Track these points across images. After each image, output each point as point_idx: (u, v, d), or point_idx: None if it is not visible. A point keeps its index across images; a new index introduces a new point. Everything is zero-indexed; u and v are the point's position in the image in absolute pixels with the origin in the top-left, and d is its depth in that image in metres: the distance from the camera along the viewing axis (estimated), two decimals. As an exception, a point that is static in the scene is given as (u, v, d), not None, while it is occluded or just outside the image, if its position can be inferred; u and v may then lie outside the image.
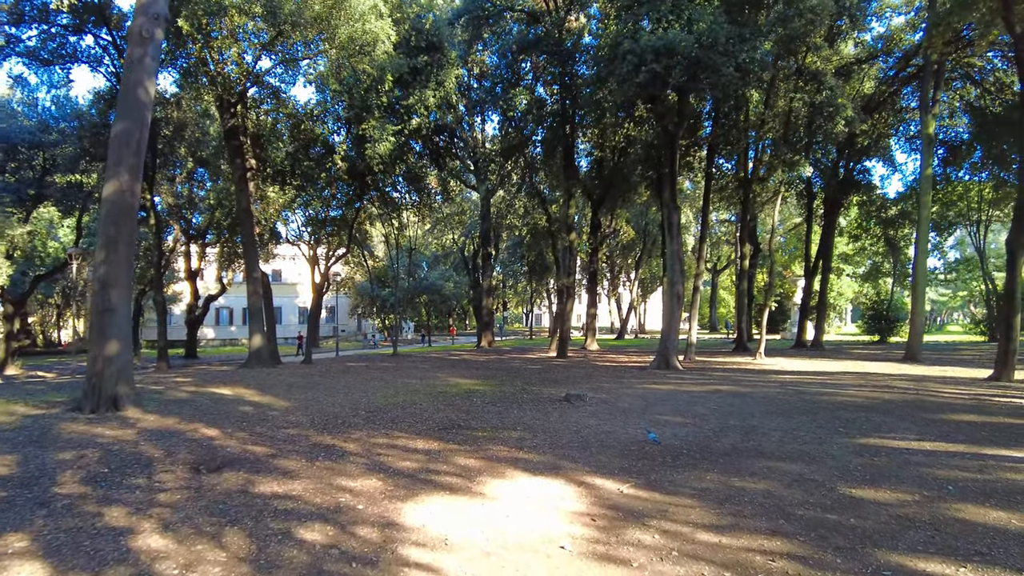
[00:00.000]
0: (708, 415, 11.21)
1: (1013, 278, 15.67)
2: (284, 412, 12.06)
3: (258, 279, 22.75)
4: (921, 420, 10.23)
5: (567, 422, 10.72)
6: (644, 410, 11.89)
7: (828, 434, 9.37)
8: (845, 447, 8.48)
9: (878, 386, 14.80)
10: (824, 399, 12.73)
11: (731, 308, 75.15)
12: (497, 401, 13.32)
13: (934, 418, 10.40)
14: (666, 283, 22.33)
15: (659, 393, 14.20)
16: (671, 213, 21.39)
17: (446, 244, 58.36)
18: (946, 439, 8.87)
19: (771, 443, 8.85)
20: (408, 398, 13.86)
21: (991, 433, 9.20)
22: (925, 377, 17.03)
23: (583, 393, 13.26)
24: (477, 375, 19.35)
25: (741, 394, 13.68)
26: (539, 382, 17.07)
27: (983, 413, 10.85)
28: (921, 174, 23.58)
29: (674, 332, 21.35)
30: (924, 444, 8.59)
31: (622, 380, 17.36)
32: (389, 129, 22.67)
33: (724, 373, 19.26)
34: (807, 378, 17.06)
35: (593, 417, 11.18)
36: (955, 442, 8.67)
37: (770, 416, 10.93)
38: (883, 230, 39.83)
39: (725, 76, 18.31)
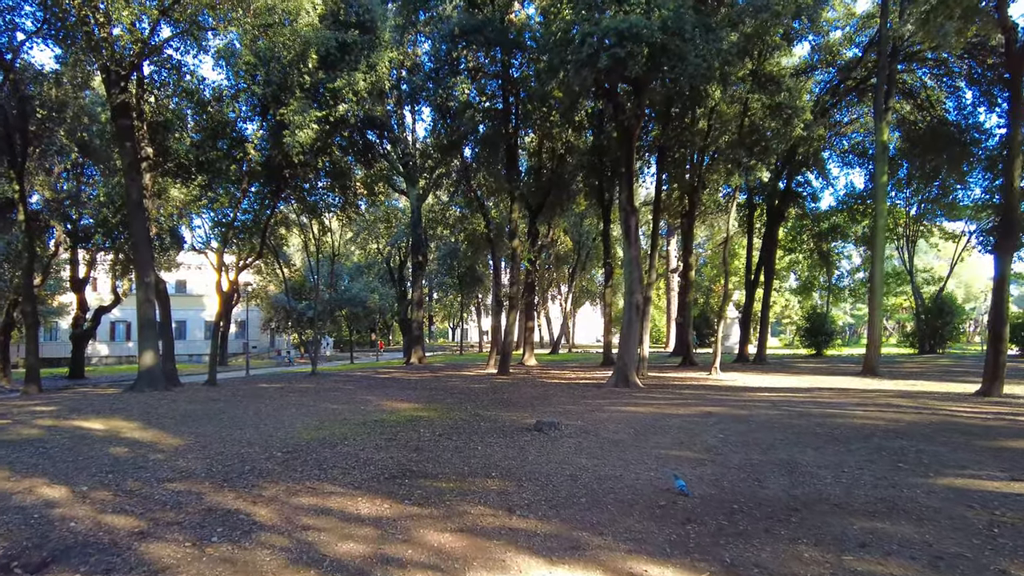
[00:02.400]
0: (720, 447, 9.11)
1: (1002, 288, 14.66)
2: (172, 454, 9.05)
3: (151, 285, 19.14)
4: (981, 449, 8.51)
5: (552, 462, 8.33)
6: (637, 441, 9.67)
7: (890, 471, 7.44)
8: (933, 493, 6.52)
9: (878, 404, 13.26)
10: (838, 422, 10.93)
11: (657, 323, 75.44)
12: (451, 432, 10.76)
13: (992, 446, 8.72)
14: (623, 293, 20.43)
15: (640, 418, 12.05)
16: (628, 216, 19.53)
17: (370, 254, 54.92)
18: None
19: (833, 488, 6.79)
20: (337, 431, 11.07)
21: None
22: (912, 393, 15.75)
23: (555, 420, 10.91)
24: (415, 398, 16.65)
25: (738, 418, 11.72)
26: (492, 405, 14.60)
27: None
28: (876, 183, 22.93)
29: (633, 346, 19.43)
30: None
31: (585, 401, 15.15)
32: (312, 115, 19.76)
33: (692, 391, 17.45)
34: (788, 396, 15.43)
35: (581, 454, 8.85)
36: (1049, 481, 6.92)
37: (797, 447, 8.94)
38: (816, 243, 40.03)
39: (692, 65, 16.66)
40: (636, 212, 20.02)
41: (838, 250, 41.96)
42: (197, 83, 20.96)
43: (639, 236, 20.80)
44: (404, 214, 46.99)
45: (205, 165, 22.53)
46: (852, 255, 44.07)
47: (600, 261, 54.39)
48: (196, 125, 23.67)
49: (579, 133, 30.67)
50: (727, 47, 17.67)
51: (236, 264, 29.49)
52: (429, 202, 42.33)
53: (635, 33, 16.36)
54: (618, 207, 20.38)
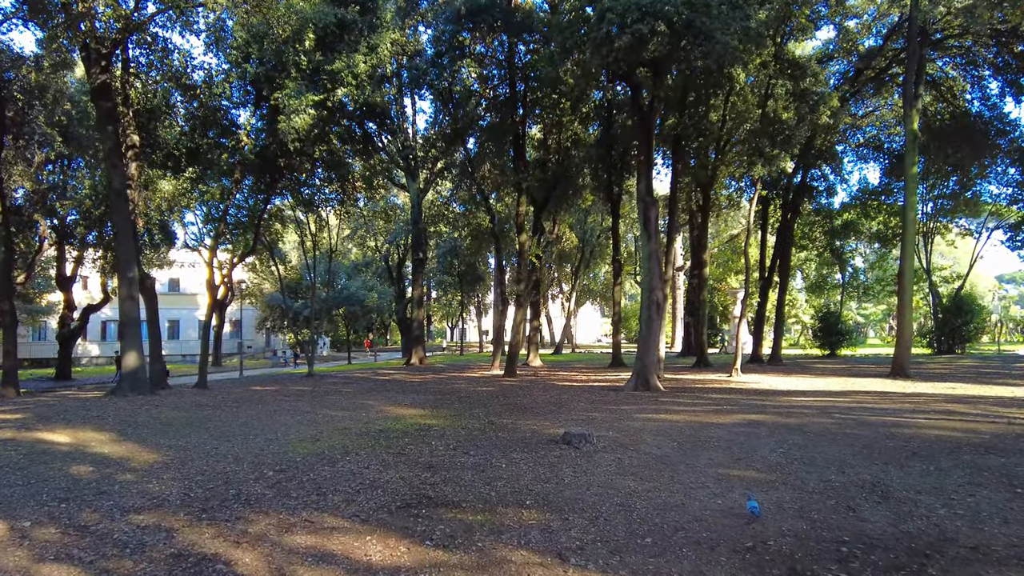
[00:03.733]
0: (786, 465, 7.81)
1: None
2: (145, 474, 7.73)
3: (134, 280, 17.76)
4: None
5: (594, 485, 7.03)
6: (687, 458, 8.37)
7: (1009, 499, 6.14)
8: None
9: (937, 411, 11.94)
10: (906, 433, 9.63)
11: (660, 322, 74.16)
12: (466, 445, 9.45)
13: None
14: (641, 290, 19.12)
15: (678, 428, 10.74)
16: (647, 208, 18.22)
17: (368, 251, 53.54)
18: None
19: (954, 523, 5.49)
20: (337, 443, 9.74)
21: None
22: (963, 397, 14.39)
23: (585, 432, 9.59)
24: (420, 402, 15.33)
25: (790, 428, 10.41)
26: (506, 412, 13.28)
27: None
28: (907, 173, 21.65)
29: (653, 347, 18.12)
30: None
31: (607, 407, 13.85)
32: (309, 99, 18.44)
33: (720, 395, 16.14)
34: (828, 400, 14.14)
35: (626, 474, 7.54)
36: None
37: (877, 465, 7.64)
38: (828, 240, 38.81)
39: (719, 44, 15.36)
40: (656, 203, 18.74)
41: (849, 248, 40.62)
42: (185, 63, 19.58)
43: (659, 229, 19.52)
44: (403, 211, 45.68)
45: (195, 155, 21.19)
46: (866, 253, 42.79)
47: (604, 258, 53.30)
48: (186, 113, 22.36)
49: (586, 125, 29.40)
50: (755, 25, 16.38)
51: (230, 261, 28.06)
52: (429, 198, 41.01)
53: (658, 9, 15.13)
54: (636, 198, 19.05)
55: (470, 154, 26.74)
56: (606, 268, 61.44)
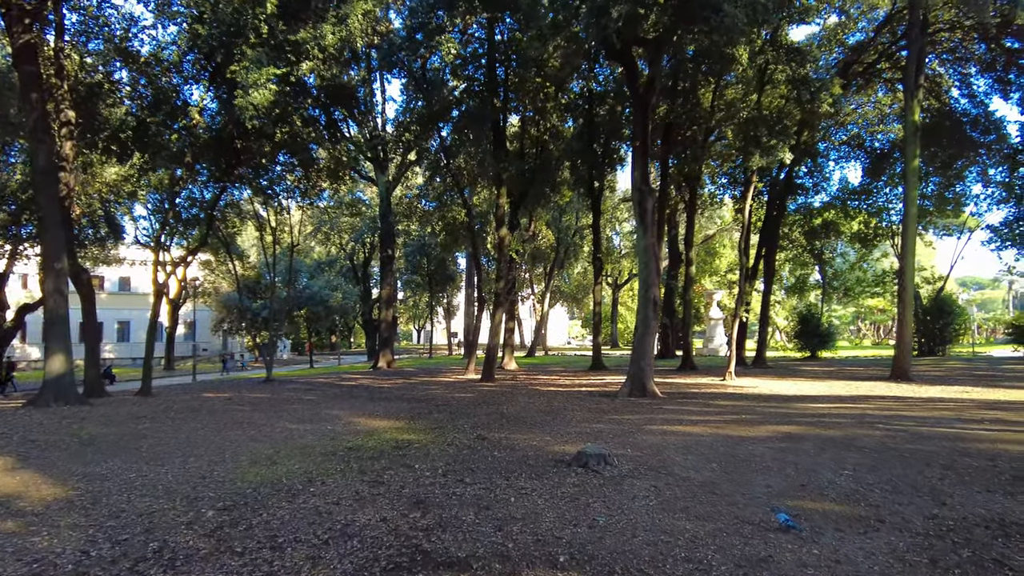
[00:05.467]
0: (863, 492, 6.26)
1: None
2: (35, 520, 5.78)
3: (62, 272, 15.46)
4: None
5: (637, 528, 5.37)
6: (736, 485, 6.77)
7: None
8: None
9: (986, 420, 10.59)
10: (980, 448, 8.20)
11: (628, 324, 73.22)
12: (459, 469, 7.70)
13: None
14: (639, 286, 17.61)
15: (705, 443, 9.16)
16: (644, 198, 16.70)
17: (332, 249, 51.11)
18: None
19: None
20: (298, 466, 7.90)
21: None
22: (992, 403, 13.19)
23: (602, 451, 7.92)
24: (394, 412, 13.48)
25: (837, 442, 8.91)
26: (495, 423, 11.55)
27: None
28: (906, 167, 20.58)
29: (649, 348, 16.61)
30: None
31: (608, 416, 12.25)
32: (269, 72, 16.42)
33: (725, 401, 14.69)
34: (850, 407, 12.77)
35: (673, 510, 5.90)
36: None
37: (978, 493, 6.15)
38: (808, 241, 38.03)
39: (729, 16, 13.94)
40: (653, 193, 17.24)
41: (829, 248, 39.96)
42: (127, 29, 17.39)
43: (656, 221, 18.07)
44: (369, 207, 43.57)
45: (142, 136, 18.95)
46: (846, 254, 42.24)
47: (579, 258, 51.98)
48: (132, 91, 20.12)
49: (564, 117, 27.94)
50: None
51: (184, 257, 25.71)
52: (398, 193, 39.04)
53: (662, -26, 13.68)
54: (631, 188, 17.55)
55: (445, 142, 24.91)
56: (579, 268, 60.26)
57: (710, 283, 54.63)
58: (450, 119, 24.13)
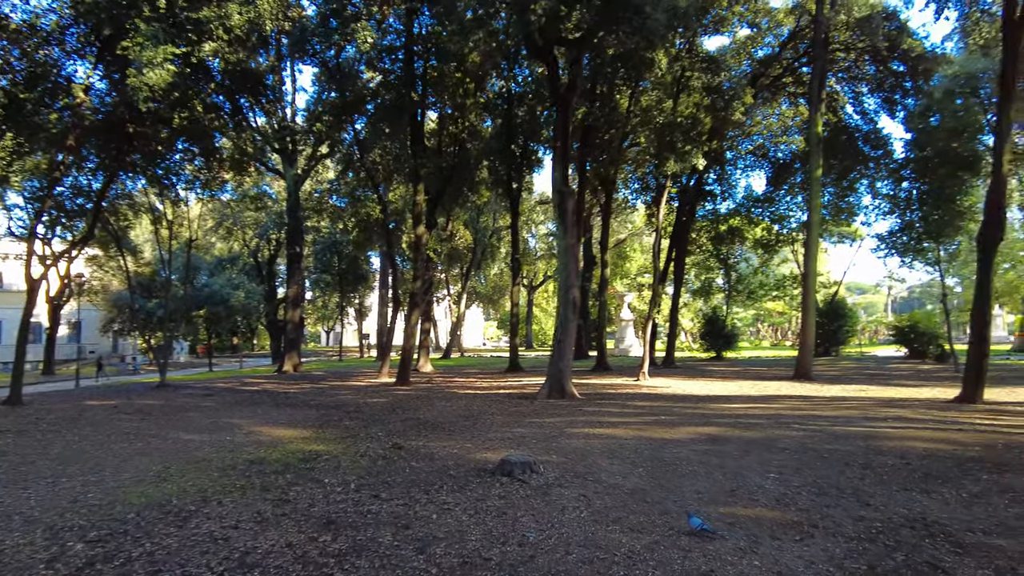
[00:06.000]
0: (791, 496, 6.21)
1: (987, 281, 13.24)
2: None
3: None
4: None
5: (571, 543, 5.02)
6: (665, 490, 6.57)
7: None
8: None
9: (888, 418, 11.06)
10: (891, 447, 8.46)
11: (544, 326, 73.89)
12: (373, 483, 7.11)
13: None
14: (558, 287, 17.43)
15: (629, 446, 8.99)
16: (564, 199, 16.56)
17: (235, 246, 48.30)
18: None
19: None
20: (191, 484, 7.04)
21: None
22: (894, 400, 13.90)
23: (527, 459, 7.55)
24: (301, 420, 12.59)
25: (758, 443, 8.97)
26: (412, 430, 10.96)
27: None
28: (811, 176, 21.66)
29: (568, 350, 16.48)
30: None
31: (529, 420, 11.93)
32: (166, 50, 15.07)
33: (643, 402, 14.76)
34: (762, 408, 13.09)
35: (605, 521, 5.60)
36: None
37: (898, 492, 6.23)
38: (715, 246, 39.53)
39: (652, 20, 14.03)
40: (574, 194, 17.15)
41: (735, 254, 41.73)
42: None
43: (577, 221, 17.99)
44: (276, 201, 41.46)
45: (15, 115, 16.91)
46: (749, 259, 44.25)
47: (496, 259, 51.80)
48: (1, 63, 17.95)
49: (483, 116, 27.59)
50: (684, 4, 15.25)
51: (66, 250, 23.36)
52: (306, 188, 37.36)
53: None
54: (552, 188, 17.38)
55: (360, 136, 23.88)
56: (495, 270, 60.12)
57: (621, 285, 55.93)
58: (365, 112, 23.15)
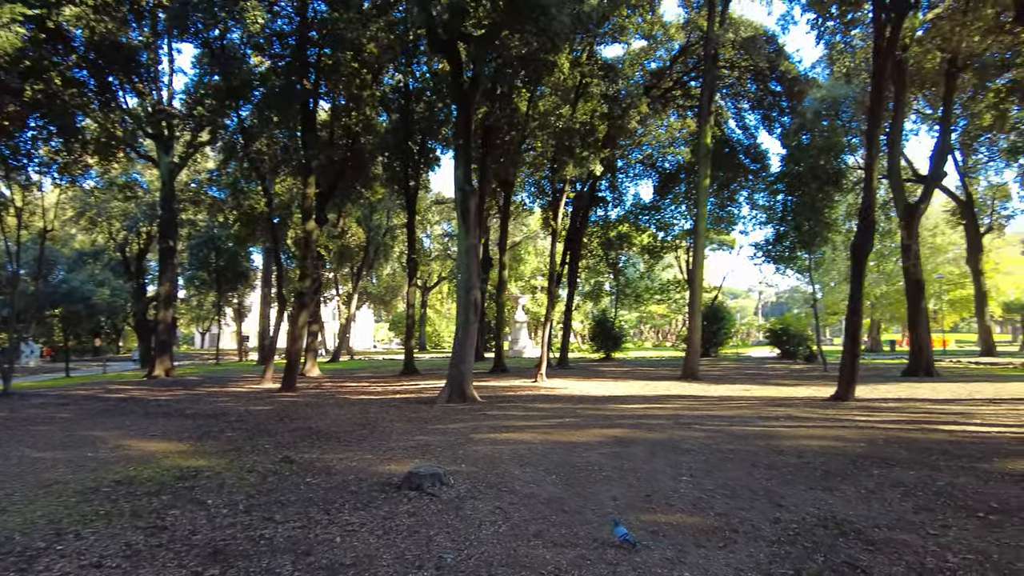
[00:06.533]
0: (708, 500, 6.20)
1: (859, 287, 14.29)
2: None
3: None
4: (1002, 476, 6.72)
5: (493, 563, 4.65)
6: (581, 498, 6.37)
7: (984, 530, 5.13)
8: None
9: (778, 417, 11.62)
10: (787, 446, 8.77)
11: (438, 327, 73.17)
12: (265, 502, 6.39)
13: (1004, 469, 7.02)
14: (458, 288, 16.99)
15: (538, 452, 8.75)
16: (466, 197, 16.21)
17: (98, 239, 43.83)
18: None
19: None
20: (42, 512, 5.99)
21: None
22: (776, 399, 14.69)
23: (436, 470, 7.11)
24: (177, 431, 11.35)
25: (664, 445, 9.02)
26: (303, 440, 10.16)
27: None
28: (699, 185, 22.71)
29: (469, 352, 16.11)
30: None
31: (431, 427, 11.44)
32: (15, 10, 13.21)
33: (545, 404, 14.68)
34: (664, 409, 13.40)
35: (526, 536, 5.28)
36: None
37: (805, 491, 6.38)
38: (605, 251, 40.69)
39: (557, 21, 14.01)
40: (476, 193, 16.80)
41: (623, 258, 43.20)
42: None
43: (479, 221, 17.66)
44: (148, 191, 38.02)
45: None
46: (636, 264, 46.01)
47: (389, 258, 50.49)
48: None
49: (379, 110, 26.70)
50: (588, 9, 15.39)
51: None
52: (183, 178, 34.57)
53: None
54: (454, 187, 16.93)
55: (245, 124, 22.25)
56: (388, 270, 58.71)
57: (515, 288, 56.44)
58: (252, 98, 21.59)
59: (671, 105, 32.30)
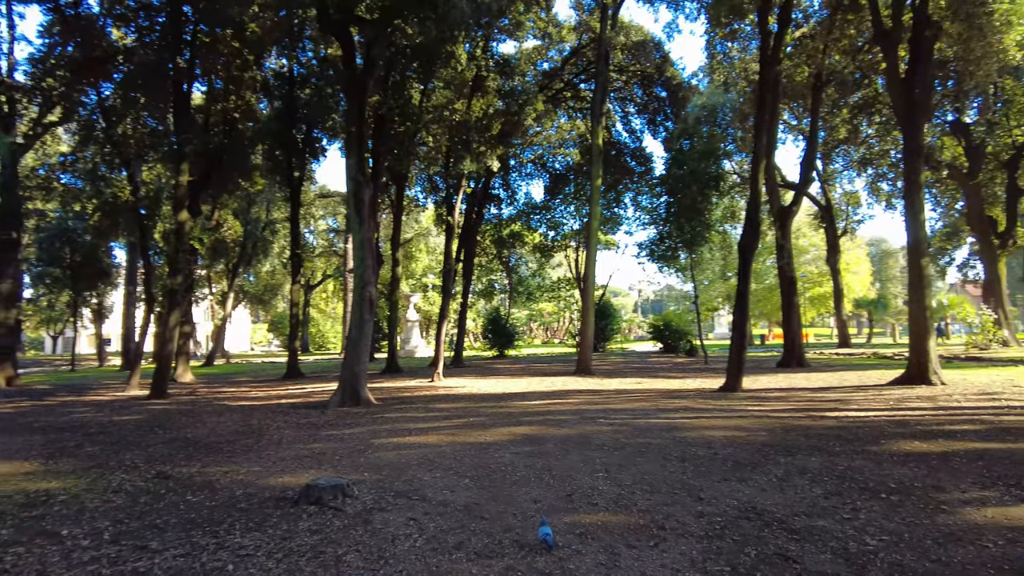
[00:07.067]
0: (629, 496, 6.04)
1: (746, 283, 14.98)
2: None
3: None
4: (892, 457, 7.09)
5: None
6: (500, 502, 6.02)
7: (889, 511, 5.31)
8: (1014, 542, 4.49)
9: (677, 409, 11.86)
10: (693, 437, 8.85)
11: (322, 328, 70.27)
12: (137, 528, 5.50)
13: (895, 450, 7.42)
14: (353, 285, 16.08)
15: (446, 455, 8.29)
16: (360, 188, 15.35)
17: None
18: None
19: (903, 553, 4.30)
20: None
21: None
22: (669, 391, 15.08)
23: (339, 481, 6.48)
24: (23, 449, 9.76)
25: (575, 440, 8.83)
26: (179, 453, 9.07)
27: (927, 437, 8.49)
28: (592, 185, 23.10)
29: (364, 352, 15.26)
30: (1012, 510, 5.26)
31: (325, 433, 10.65)
32: None
33: (448, 404, 14.16)
34: (566, 404, 13.32)
35: (447, 550, 4.83)
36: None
37: (720, 482, 6.41)
38: (497, 249, 40.75)
39: (458, 10, 13.59)
40: (370, 184, 15.94)
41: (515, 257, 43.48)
42: None
43: (375, 213, 16.82)
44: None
45: None
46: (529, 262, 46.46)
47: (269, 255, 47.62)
48: None
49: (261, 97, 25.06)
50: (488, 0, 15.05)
51: None
52: (28, 162, 30.71)
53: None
54: (346, 177, 15.99)
55: (106, 103, 19.92)
56: (268, 267, 55.47)
57: (407, 286, 55.27)
58: (112, 76, 19.38)
59: (562, 106, 32.74)
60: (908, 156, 15.27)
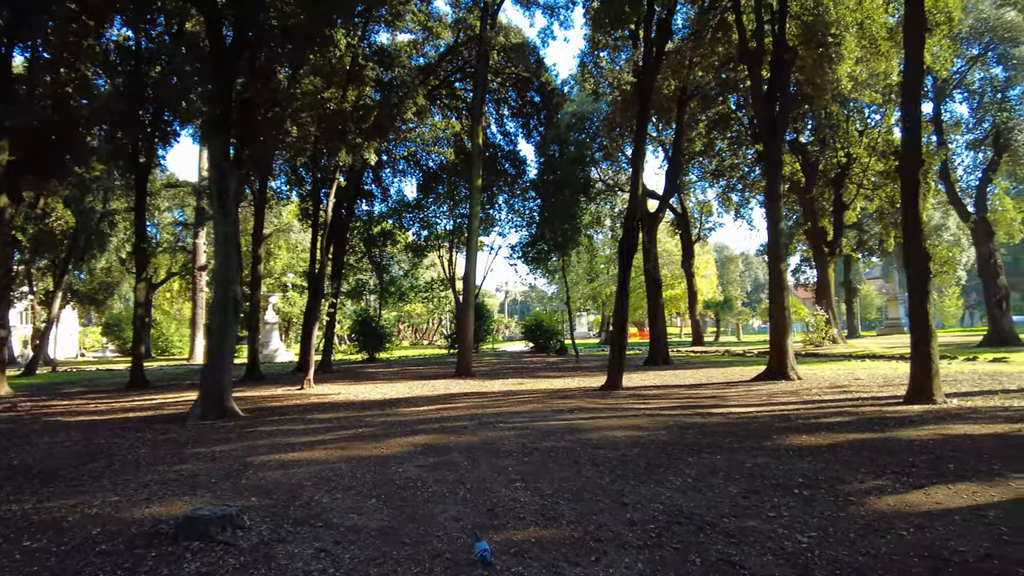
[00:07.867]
0: (554, 507, 5.76)
1: (626, 283, 15.38)
2: None
3: None
4: (791, 452, 7.41)
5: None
6: (418, 523, 5.48)
7: (805, 507, 5.46)
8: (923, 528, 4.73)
9: (571, 409, 11.81)
10: (594, 438, 8.80)
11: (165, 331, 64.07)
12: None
13: (790, 444, 7.76)
14: (215, 283, 14.43)
15: (345, 471, 7.53)
16: (224, 176, 13.87)
17: None
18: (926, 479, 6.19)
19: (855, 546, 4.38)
20: None
21: (935, 461, 7.02)
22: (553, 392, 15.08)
23: (226, 509, 5.59)
24: None
25: (481, 448, 8.41)
26: (8, 485, 7.56)
27: (811, 431, 8.93)
28: (471, 184, 22.86)
29: (229, 359, 13.81)
30: (920, 497, 5.65)
31: (188, 450, 9.41)
32: None
33: (327, 414, 13.13)
34: (457, 408, 12.83)
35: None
36: (944, 482, 6.04)
37: (637, 486, 6.31)
38: (367, 248, 39.27)
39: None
40: (236, 171, 14.46)
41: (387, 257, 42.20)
42: None
43: (239, 203, 15.29)
44: None
45: None
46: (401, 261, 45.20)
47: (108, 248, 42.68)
48: None
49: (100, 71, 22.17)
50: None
51: None
52: None
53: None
54: (209, 163, 14.42)
55: None
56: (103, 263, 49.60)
57: (265, 286, 51.85)
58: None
59: (437, 104, 32.20)
60: (768, 168, 16.50)
